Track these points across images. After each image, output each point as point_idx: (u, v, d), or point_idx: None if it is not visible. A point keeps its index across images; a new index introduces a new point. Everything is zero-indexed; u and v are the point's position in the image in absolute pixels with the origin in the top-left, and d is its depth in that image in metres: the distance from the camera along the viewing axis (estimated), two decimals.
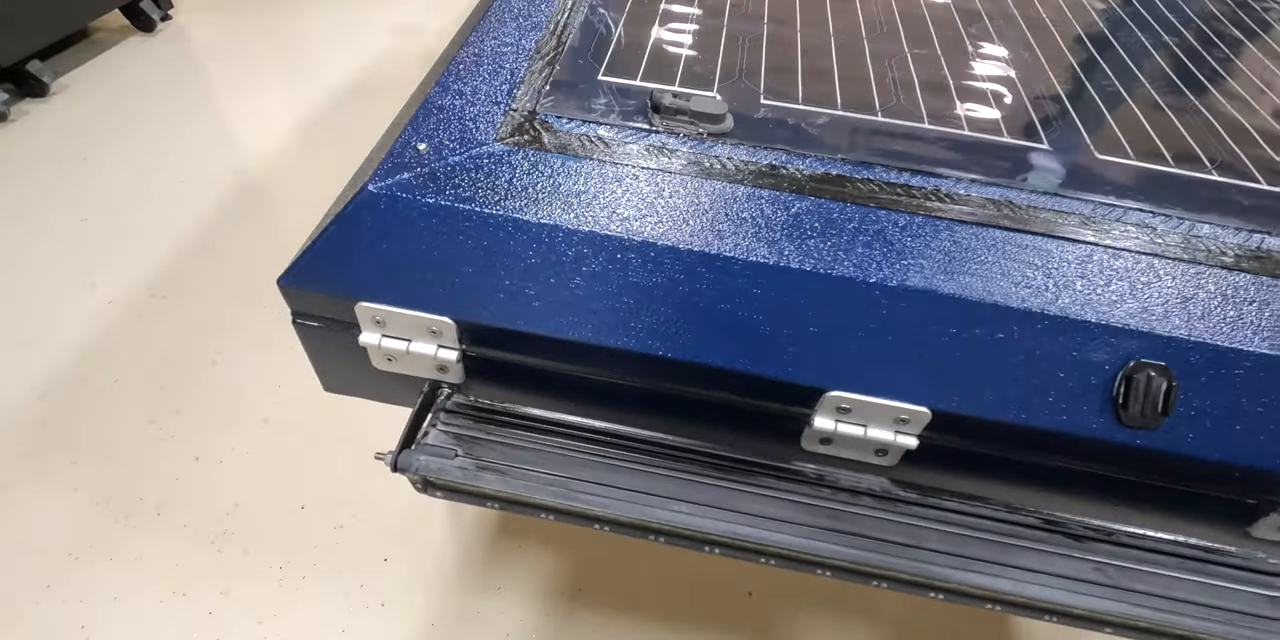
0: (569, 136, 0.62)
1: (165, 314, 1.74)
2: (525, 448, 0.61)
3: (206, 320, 1.73)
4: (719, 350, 0.56)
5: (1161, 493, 0.61)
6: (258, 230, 1.97)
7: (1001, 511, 0.62)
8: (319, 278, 0.58)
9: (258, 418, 1.56)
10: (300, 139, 2.28)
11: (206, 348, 1.67)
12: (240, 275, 1.85)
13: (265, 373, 1.63)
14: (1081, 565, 0.59)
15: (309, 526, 1.40)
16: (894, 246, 0.56)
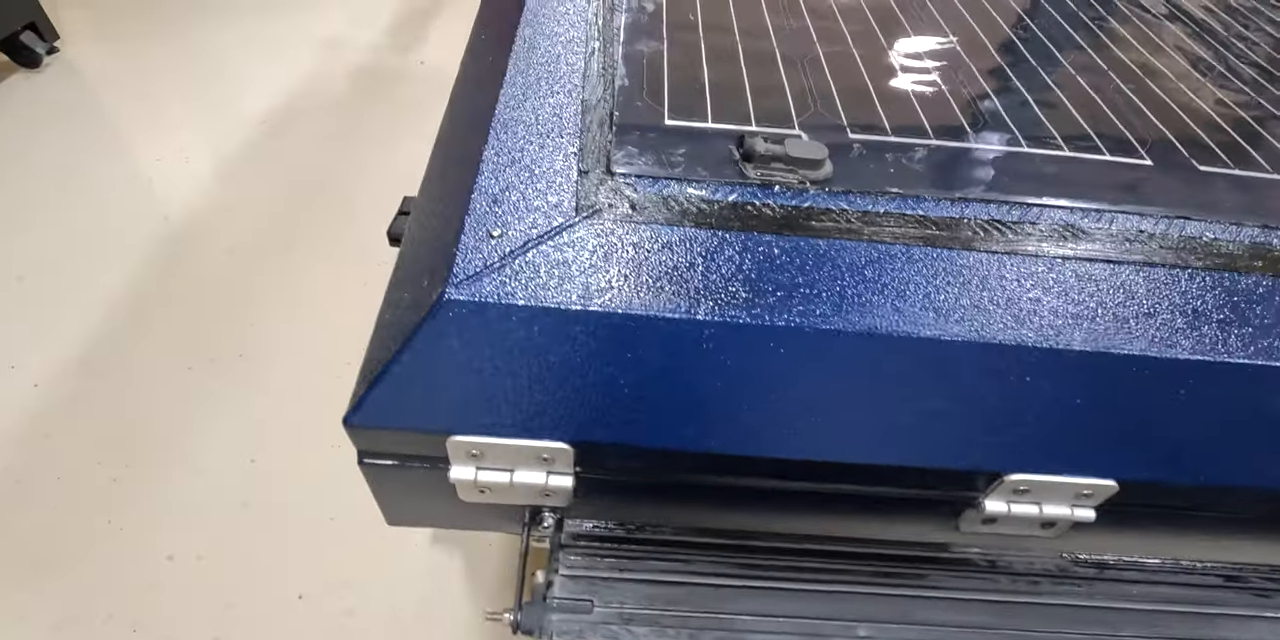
0: (659, 200, 0.52)
1: (103, 393, 1.52)
2: (667, 582, 0.51)
3: (153, 394, 1.52)
4: (894, 446, 0.47)
5: None
6: (198, 284, 1.76)
7: (1179, 575, 0.57)
8: (399, 414, 0.46)
9: (234, 502, 1.38)
10: (228, 176, 2.05)
11: (159, 426, 1.47)
12: (186, 337, 1.64)
13: (234, 449, 1.45)
14: (1276, 626, 0.54)
15: (313, 617, 1.25)
16: (1081, 303, 0.49)
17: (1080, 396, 0.49)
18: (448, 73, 2.88)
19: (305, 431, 1.48)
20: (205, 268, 1.80)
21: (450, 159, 0.61)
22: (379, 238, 1.94)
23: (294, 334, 1.67)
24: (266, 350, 1.63)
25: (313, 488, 1.40)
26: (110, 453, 1.42)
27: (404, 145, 2.19)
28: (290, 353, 1.63)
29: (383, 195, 2.05)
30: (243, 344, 1.63)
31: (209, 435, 1.46)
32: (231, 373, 1.58)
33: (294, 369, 1.60)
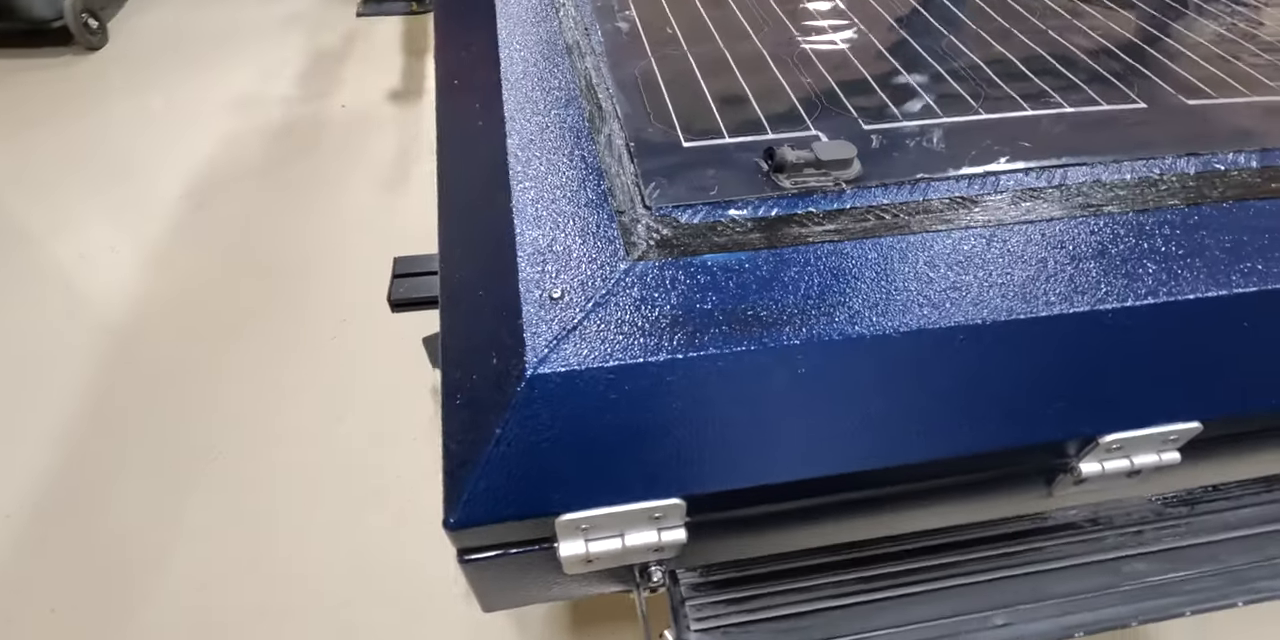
0: (704, 229, 0.50)
1: (75, 525, 1.41)
2: (797, 614, 0.50)
3: (130, 521, 1.42)
4: (997, 430, 0.47)
5: None
6: (153, 382, 1.65)
7: (1262, 495, 0.59)
8: (502, 505, 0.43)
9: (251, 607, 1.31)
10: (160, 261, 1.93)
11: (142, 548, 1.37)
12: (153, 445, 1.54)
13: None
14: None
15: None
16: (1125, 255, 0.50)
17: (1157, 348, 0.49)
18: (374, 113, 2.81)
19: (316, 530, 1.41)
20: (158, 363, 1.70)
21: (469, 220, 0.58)
22: (337, 294, 1.88)
23: (271, 416, 1.59)
24: (245, 441, 1.53)
25: (331, 597, 1.33)
26: (81, 591, 1.32)
27: (346, 195, 2.11)
28: (272, 438, 1.55)
29: (335, 251, 1.98)
30: (217, 440, 1.53)
31: (209, 548, 1.38)
32: (213, 476, 1.48)
33: (282, 455, 1.52)
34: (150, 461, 1.50)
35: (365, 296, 1.85)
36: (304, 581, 1.34)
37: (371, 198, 2.11)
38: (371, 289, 1.88)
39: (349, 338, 1.76)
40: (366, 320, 1.81)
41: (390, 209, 2.08)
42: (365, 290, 1.86)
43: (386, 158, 2.24)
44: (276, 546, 1.38)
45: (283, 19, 2.89)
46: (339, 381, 1.67)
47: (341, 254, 1.96)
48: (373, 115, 2.39)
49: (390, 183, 2.16)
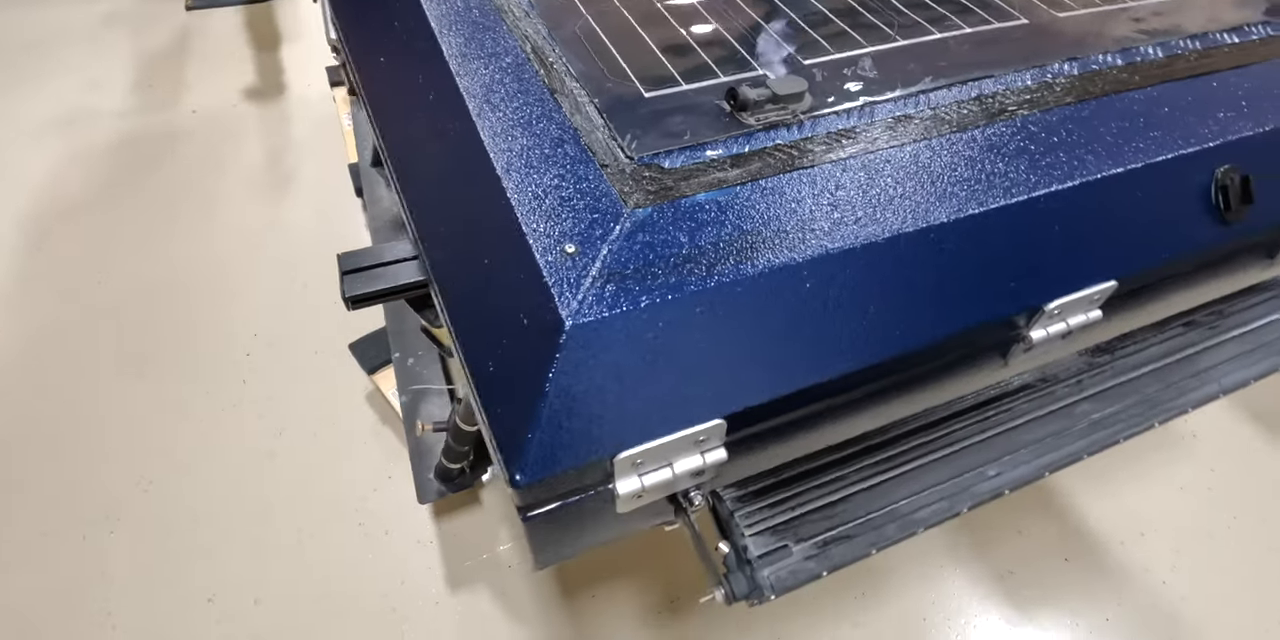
0: (687, 172, 0.53)
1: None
2: (832, 502, 0.56)
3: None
4: (963, 315, 0.55)
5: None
6: (41, 449, 1.48)
7: (1157, 334, 0.71)
8: (563, 455, 0.45)
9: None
10: (8, 310, 1.71)
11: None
12: (56, 512, 1.40)
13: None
14: (1235, 342, 0.70)
15: None
16: (1041, 150, 0.58)
17: (1078, 223, 0.58)
18: (232, 115, 2.59)
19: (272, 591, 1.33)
20: (39, 423, 1.52)
21: (448, 198, 0.57)
22: (236, 315, 1.75)
23: (198, 450, 1.48)
24: (159, 505, 1.40)
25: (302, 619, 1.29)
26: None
27: (221, 208, 1.94)
28: (203, 473, 1.44)
29: (221, 270, 1.82)
30: (124, 505, 1.39)
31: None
32: (132, 539, 1.36)
33: (204, 515, 1.40)
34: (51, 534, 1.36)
35: (270, 313, 1.73)
36: (273, 610, 1.28)
37: (252, 208, 1.95)
38: (276, 303, 1.77)
39: (261, 358, 1.65)
40: (278, 338, 1.69)
41: (276, 217, 1.93)
42: (269, 306, 1.74)
43: (258, 162, 2.07)
44: (238, 579, 1.31)
45: (102, 19, 2.54)
46: (263, 401, 1.57)
47: (230, 272, 1.81)
48: (231, 118, 2.18)
49: (270, 189, 2.00)
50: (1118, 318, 0.69)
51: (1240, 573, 1.37)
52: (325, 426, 1.55)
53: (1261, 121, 0.66)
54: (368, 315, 1.75)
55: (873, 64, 0.65)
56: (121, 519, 1.37)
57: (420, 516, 1.44)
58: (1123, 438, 0.61)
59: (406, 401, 1.52)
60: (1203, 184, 0.63)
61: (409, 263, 0.84)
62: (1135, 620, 1.31)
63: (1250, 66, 0.70)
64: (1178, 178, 0.62)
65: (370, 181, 1.84)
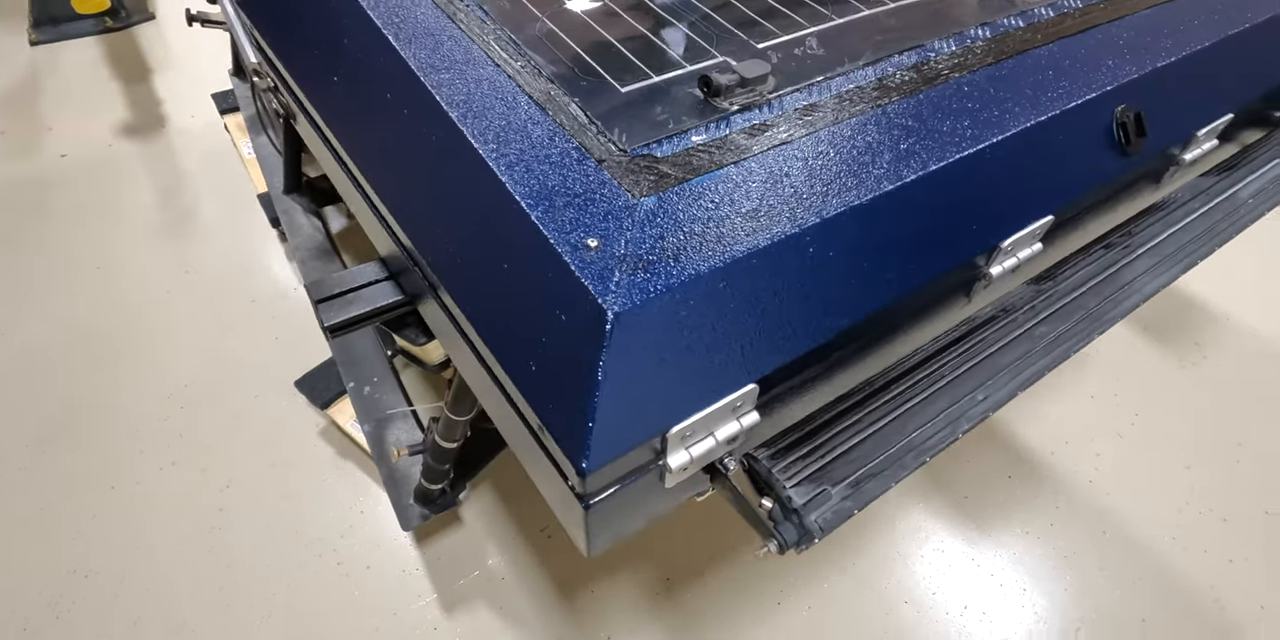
0: (680, 158, 0.56)
1: None
2: (856, 444, 0.60)
3: None
4: (941, 259, 0.61)
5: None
6: None
7: (1085, 258, 0.81)
8: (623, 437, 0.47)
9: None
10: None
11: None
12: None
13: None
14: (1146, 256, 0.81)
15: None
16: (977, 106, 0.65)
17: (1019, 168, 0.66)
18: (109, 156, 2.41)
19: None
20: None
21: (448, 210, 0.57)
22: (160, 377, 1.61)
23: (122, 555, 1.35)
24: (102, 590, 1.28)
25: None
26: None
27: (114, 258, 1.78)
28: (137, 581, 1.32)
29: (132, 323, 1.68)
30: (63, 598, 1.26)
31: None
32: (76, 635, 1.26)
33: (157, 591, 1.31)
34: None
35: (198, 361, 1.62)
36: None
37: (154, 252, 1.80)
38: (204, 349, 1.65)
39: (195, 409, 1.54)
40: (211, 385, 1.58)
41: (183, 259, 1.80)
42: (195, 353, 1.63)
43: (151, 203, 1.91)
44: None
45: None
46: (203, 455, 1.47)
47: (144, 323, 1.67)
48: (109, 159, 2.01)
49: (171, 229, 1.86)
50: (1052, 248, 0.78)
51: (1149, 461, 1.57)
52: (279, 471, 1.48)
53: (1141, 65, 0.76)
54: (309, 349, 1.67)
55: (818, 42, 0.70)
56: (62, 616, 1.24)
57: (401, 545, 1.41)
58: (1075, 350, 0.70)
59: (371, 430, 1.48)
60: (1105, 123, 0.73)
61: (382, 284, 0.82)
62: (1074, 519, 1.47)
63: (1122, 18, 0.81)
64: (1087, 120, 0.71)
65: (286, 210, 1.75)
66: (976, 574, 1.39)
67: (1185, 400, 1.67)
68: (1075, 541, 1.44)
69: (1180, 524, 1.47)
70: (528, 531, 1.47)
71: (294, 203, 1.76)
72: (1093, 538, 1.45)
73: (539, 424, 0.50)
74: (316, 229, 1.75)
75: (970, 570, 1.40)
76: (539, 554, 1.43)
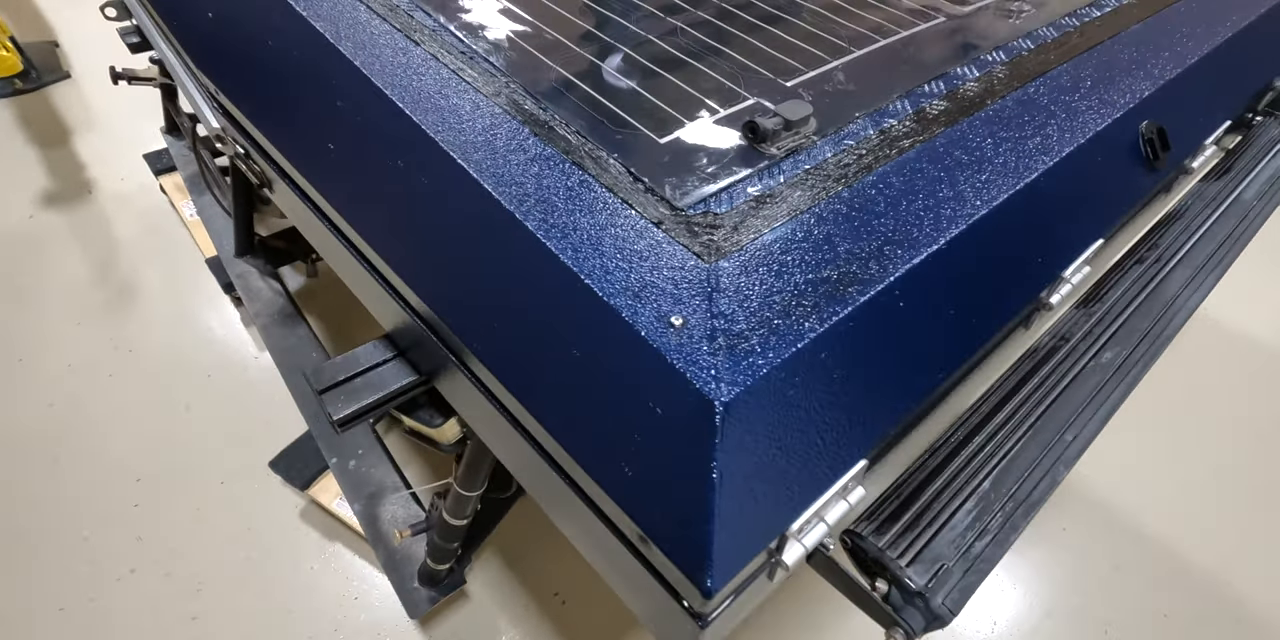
0: (741, 213, 0.50)
1: None
2: (955, 506, 0.55)
3: None
4: (1019, 294, 0.58)
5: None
6: None
7: (1124, 274, 0.79)
8: (746, 546, 0.40)
9: None
10: None
11: None
12: None
13: None
14: (1180, 267, 0.80)
15: None
16: (1021, 133, 0.62)
17: (1071, 193, 0.64)
18: (29, 227, 2.21)
19: None
20: None
21: (491, 288, 0.49)
22: (109, 472, 1.44)
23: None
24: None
25: None
26: None
27: (49, 337, 1.61)
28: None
29: (72, 414, 1.50)
30: None
31: None
32: None
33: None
34: None
35: (151, 450, 1.46)
36: None
37: (91, 331, 1.63)
38: (157, 436, 1.49)
39: (153, 505, 1.38)
40: (168, 476, 1.43)
41: (126, 336, 1.63)
42: (148, 441, 1.47)
43: (83, 277, 1.74)
44: None
45: None
46: (167, 557, 1.31)
47: (86, 412, 1.50)
48: (32, 232, 1.82)
49: (108, 305, 1.69)
50: (1097, 268, 0.76)
51: (1154, 457, 1.59)
52: (256, 566, 1.33)
53: (1153, 80, 0.76)
54: (278, 424, 1.53)
55: (844, 77, 0.66)
56: None
57: (405, 630, 1.28)
58: (1144, 374, 0.67)
59: (362, 509, 1.35)
60: (1132, 140, 0.72)
61: (391, 364, 0.73)
62: (1087, 521, 1.46)
63: (1118, 35, 0.81)
64: (1119, 138, 0.70)
65: (241, 274, 1.62)
66: (999, 586, 1.37)
67: (1192, 397, 1.71)
68: (1088, 543, 1.43)
69: (1189, 513, 1.49)
70: (540, 598, 1.36)
71: (248, 266, 1.63)
72: (1105, 537, 1.44)
73: (640, 535, 0.43)
74: (276, 292, 1.62)
75: (992, 582, 1.37)
76: (555, 622, 1.33)
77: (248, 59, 0.69)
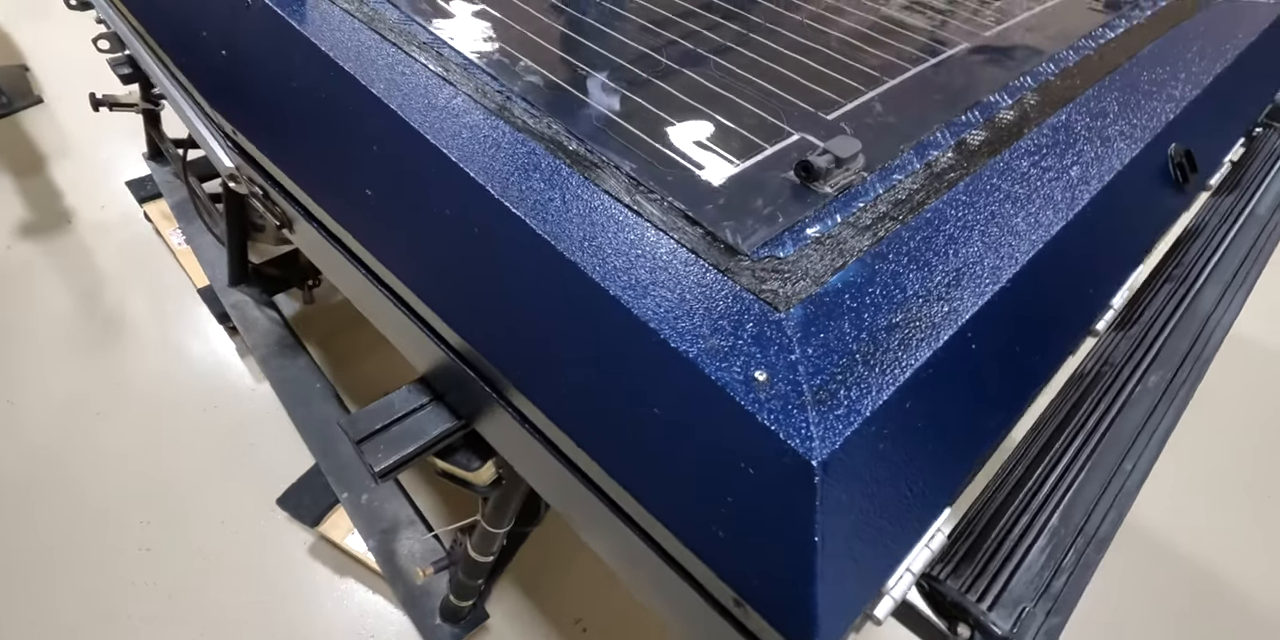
0: (805, 256, 0.50)
1: None
2: (1026, 545, 0.55)
3: None
4: (1079, 321, 0.57)
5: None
6: None
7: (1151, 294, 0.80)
8: (848, 604, 0.39)
9: None
10: None
11: None
12: None
13: None
14: (1210, 285, 0.81)
15: None
16: (1062, 159, 0.63)
17: (1114, 219, 0.64)
18: (7, 260, 2.14)
19: None
20: None
21: (562, 341, 0.48)
22: (113, 516, 1.39)
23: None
24: None
25: None
26: None
27: (29, 377, 1.54)
28: None
29: (62, 458, 1.44)
30: None
31: None
32: None
33: None
34: None
35: (153, 491, 1.40)
36: None
37: (76, 369, 1.56)
38: (157, 476, 1.44)
39: (164, 548, 1.33)
40: (175, 518, 1.38)
41: (114, 372, 1.57)
42: (148, 482, 1.41)
43: (66, 311, 1.68)
44: None
45: None
46: (181, 600, 1.27)
47: (76, 456, 1.43)
48: (10, 265, 1.75)
49: (94, 340, 1.63)
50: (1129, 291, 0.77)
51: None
52: (267, 608, 1.29)
53: (1175, 102, 0.77)
54: (280, 458, 1.48)
55: (882, 108, 0.66)
56: None
57: None
58: (1192, 396, 0.68)
59: (377, 545, 1.31)
60: (1162, 163, 0.72)
61: (429, 408, 0.71)
62: None
63: (1134, 57, 0.82)
64: (1151, 162, 0.70)
65: (236, 304, 1.57)
66: None
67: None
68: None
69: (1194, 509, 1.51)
70: (560, 627, 1.34)
71: (243, 295, 1.59)
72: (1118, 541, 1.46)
73: (735, 599, 0.41)
74: (274, 321, 1.58)
75: None
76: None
77: (271, 100, 0.66)
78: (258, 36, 0.67)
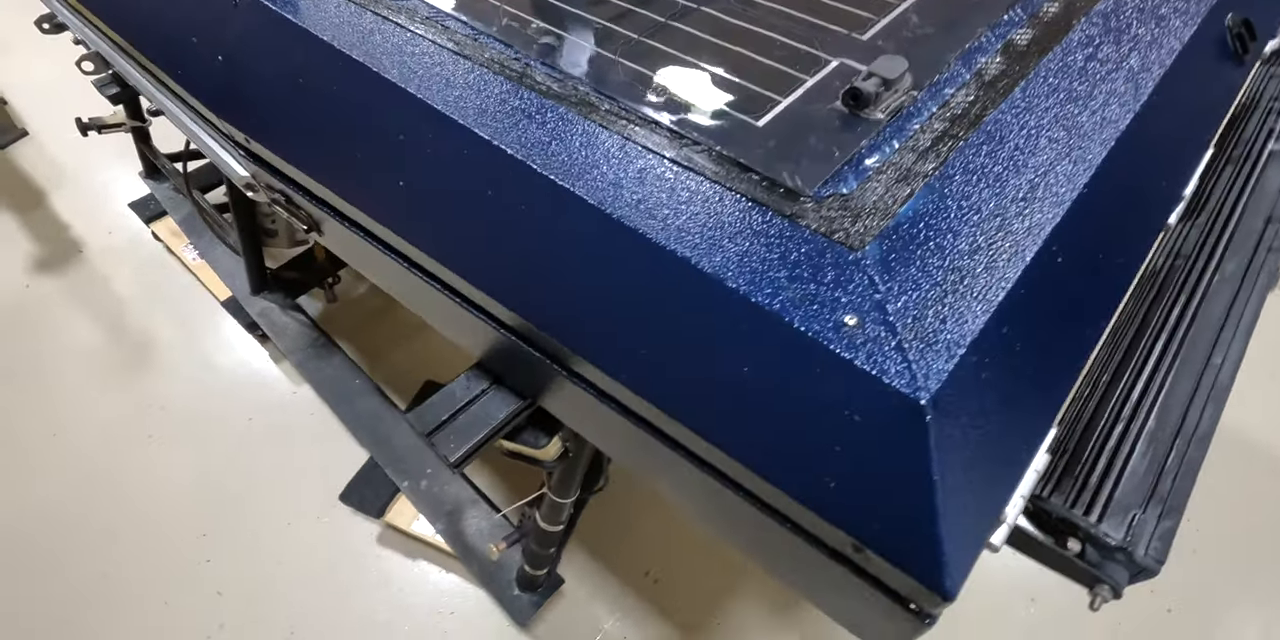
0: (867, 191, 0.47)
1: None
2: (1125, 452, 0.54)
3: None
4: (1158, 215, 0.55)
5: None
6: None
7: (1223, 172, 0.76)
8: (972, 540, 0.39)
9: None
10: None
11: None
12: None
13: None
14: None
15: None
16: (1127, 47, 0.59)
17: (1181, 101, 0.61)
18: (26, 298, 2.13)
19: None
20: None
21: (641, 314, 0.46)
22: (168, 532, 1.40)
23: None
24: None
25: None
26: None
27: (68, 409, 1.55)
28: None
29: (112, 482, 1.44)
30: None
31: None
32: None
33: None
34: None
35: (207, 502, 1.43)
36: None
37: (114, 395, 1.56)
38: (209, 485, 1.46)
39: (225, 558, 1.36)
40: (232, 525, 1.40)
41: (151, 393, 1.57)
42: (201, 494, 1.44)
43: (95, 341, 1.68)
44: None
45: None
46: (245, 607, 1.30)
47: (127, 478, 1.45)
48: (28, 304, 1.75)
49: (126, 364, 1.64)
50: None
51: None
52: (343, 600, 1.32)
53: None
54: (336, 457, 1.51)
55: (916, 21, 0.61)
56: None
57: (512, 635, 1.29)
58: (1276, 281, 0.65)
59: (445, 528, 1.34)
60: (1220, 35, 0.68)
61: (490, 393, 0.70)
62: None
63: None
64: (1209, 36, 0.66)
65: (262, 311, 1.57)
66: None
67: None
68: None
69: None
70: (633, 580, 1.37)
71: (268, 301, 1.58)
72: None
73: (854, 545, 0.41)
74: (303, 324, 1.58)
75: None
76: (652, 602, 1.34)
77: (281, 102, 0.63)
78: (251, 35, 0.64)
